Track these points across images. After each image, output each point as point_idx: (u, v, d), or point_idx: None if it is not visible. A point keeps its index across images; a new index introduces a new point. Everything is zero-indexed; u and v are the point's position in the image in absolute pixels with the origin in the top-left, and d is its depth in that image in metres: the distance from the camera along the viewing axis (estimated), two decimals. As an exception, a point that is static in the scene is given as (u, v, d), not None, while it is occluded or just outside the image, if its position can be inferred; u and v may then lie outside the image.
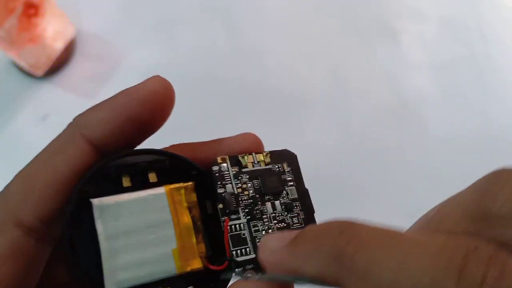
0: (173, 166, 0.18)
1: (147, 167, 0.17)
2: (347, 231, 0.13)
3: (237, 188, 0.18)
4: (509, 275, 0.10)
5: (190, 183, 0.18)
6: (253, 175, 0.18)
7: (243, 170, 0.18)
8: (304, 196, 0.19)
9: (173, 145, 0.19)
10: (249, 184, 0.18)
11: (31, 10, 0.47)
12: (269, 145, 0.23)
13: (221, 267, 0.17)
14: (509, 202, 0.12)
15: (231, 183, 0.18)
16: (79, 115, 0.17)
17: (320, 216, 0.24)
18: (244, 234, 0.17)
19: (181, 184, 0.17)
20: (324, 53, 0.56)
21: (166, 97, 0.18)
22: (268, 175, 0.19)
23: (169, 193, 0.17)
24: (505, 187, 0.12)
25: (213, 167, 0.18)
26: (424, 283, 0.10)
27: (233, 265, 0.17)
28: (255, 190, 0.18)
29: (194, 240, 0.17)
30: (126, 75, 0.53)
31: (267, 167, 0.19)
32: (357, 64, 0.55)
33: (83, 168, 0.16)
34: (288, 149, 0.20)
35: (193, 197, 0.18)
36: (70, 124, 0.17)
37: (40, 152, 0.17)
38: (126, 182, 0.17)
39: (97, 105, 0.17)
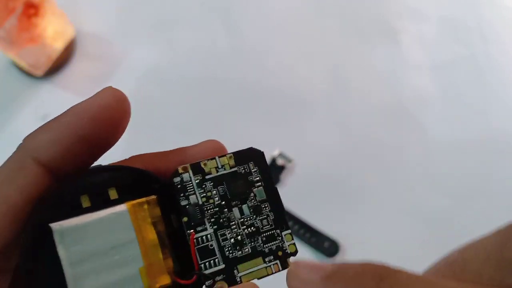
0: (134, 180, 0.17)
1: (106, 184, 0.16)
2: (388, 278, 0.13)
3: (202, 197, 0.17)
4: None
5: (153, 197, 0.17)
6: (217, 181, 0.18)
7: (207, 177, 0.18)
8: (273, 195, 0.18)
9: (133, 156, 0.18)
10: (214, 192, 0.17)
11: (31, 10, 0.47)
12: (270, 145, 0.23)
13: (190, 281, 0.17)
14: None
15: (194, 193, 0.17)
16: (28, 136, 0.16)
17: (320, 217, 0.23)
18: (211, 245, 0.17)
19: (143, 199, 0.17)
20: (324, 53, 0.56)
21: (119, 111, 0.17)
22: (233, 179, 0.18)
23: (131, 210, 0.16)
24: None
25: (174, 179, 0.17)
26: None
27: (202, 279, 0.17)
28: (221, 197, 0.17)
29: (160, 256, 0.17)
30: (126, 75, 0.53)
31: (232, 170, 0.18)
32: (357, 64, 0.55)
33: (37, 193, 0.16)
34: (253, 147, 0.19)
35: (157, 211, 0.17)
36: (19, 147, 0.16)
37: None
38: (85, 203, 0.16)
39: (46, 124, 0.16)
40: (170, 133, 0.50)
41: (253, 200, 0.18)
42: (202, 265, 0.17)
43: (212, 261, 0.17)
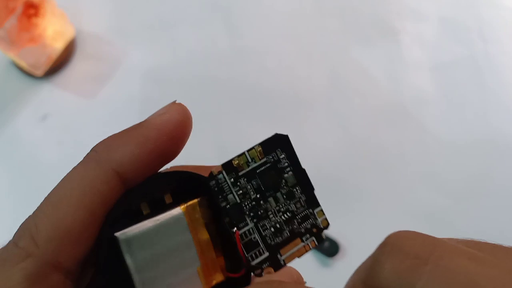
0: (185, 183, 0.18)
1: (162, 189, 0.17)
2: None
3: (238, 195, 0.18)
4: None
5: (201, 197, 0.18)
6: (250, 175, 0.18)
7: (240, 173, 0.18)
8: (302, 177, 0.19)
9: (175, 166, 0.19)
10: (249, 186, 0.18)
11: (31, 10, 0.47)
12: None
13: (239, 274, 0.18)
14: (391, 274, 0.13)
15: (231, 192, 0.18)
16: (107, 145, 0.16)
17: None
18: (255, 238, 0.18)
19: (195, 201, 0.18)
20: (324, 53, 0.56)
21: (188, 125, 0.18)
22: (265, 170, 0.18)
23: (186, 212, 0.17)
24: (389, 257, 0.13)
25: (210, 182, 0.18)
26: None
27: (251, 270, 0.18)
28: (256, 190, 0.18)
29: (214, 255, 0.18)
30: (126, 75, 0.53)
31: (262, 161, 0.19)
32: (357, 64, 0.55)
33: (112, 203, 0.16)
34: (278, 132, 0.19)
35: (208, 212, 0.18)
36: (98, 159, 0.16)
37: (63, 187, 0.16)
38: (145, 210, 0.17)
39: (126, 135, 0.17)
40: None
41: (285, 187, 0.19)
42: (249, 257, 0.18)
43: (257, 252, 0.18)
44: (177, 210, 0.17)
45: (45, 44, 0.50)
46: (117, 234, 0.16)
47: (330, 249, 0.46)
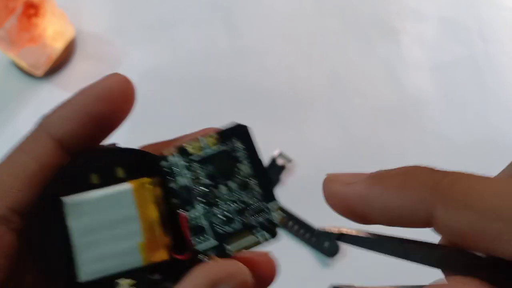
0: (140, 161, 0.18)
1: (114, 162, 0.18)
2: (439, 170, 0.14)
3: (189, 178, 0.18)
4: None
5: (156, 178, 0.18)
6: (203, 161, 0.18)
7: (192, 158, 0.18)
8: (258, 169, 0.19)
9: (145, 145, 0.20)
10: (200, 171, 0.18)
11: (31, 10, 0.47)
12: (270, 145, 0.23)
13: (184, 257, 0.18)
14: None
15: (181, 175, 0.18)
16: (44, 115, 0.18)
17: (320, 217, 0.24)
18: (202, 223, 0.18)
19: (147, 179, 0.18)
20: (324, 53, 0.56)
21: (124, 93, 0.18)
22: (218, 158, 0.18)
23: (135, 188, 0.17)
24: None
25: (161, 162, 0.18)
26: None
27: (196, 255, 0.18)
28: (208, 176, 0.18)
29: (159, 233, 0.18)
30: (126, 75, 0.53)
31: (216, 148, 0.18)
32: (357, 64, 0.55)
33: (51, 165, 0.17)
34: (238, 122, 0.19)
35: (159, 191, 0.18)
36: (34, 125, 0.18)
37: (8, 152, 0.18)
38: (94, 179, 0.17)
39: (60, 104, 0.18)
40: (170, 133, 0.50)
41: (238, 176, 0.18)
42: (195, 242, 0.18)
43: (203, 237, 0.18)
44: (126, 185, 0.17)
45: (45, 44, 0.50)
46: (64, 198, 0.17)
47: (330, 249, 0.46)
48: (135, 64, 0.54)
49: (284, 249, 0.19)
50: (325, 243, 0.46)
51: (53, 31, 0.50)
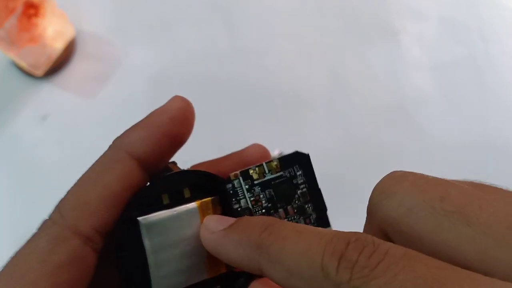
0: (202, 181, 0.20)
1: (182, 184, 0.19)
2: (271, 227, 0.15)
3: (251, 201, 0.19)
4: (377, 254, 0.12)
5: (215, 196, 0.19)
6: (265, 185, 0.20)
7: (255, 182, 0.20)
8: (316, 196, 0.20)
9: (194, 165, 0.22)
10: (262, 195, 0.19)
11: (31, 10, 0.47)
12: (270, 145, 0.23)
13: (238, 269, 0.19)
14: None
15: (244, 197, 0.19)
16: (122, 135, 0.19)
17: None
18: None
19: (209, 199, 0.19)
20: (324, 53, 0.56)
21: (190, 112, 0.20)
22: (279, 183, 0.20)
23: (199, 207, 0.19)
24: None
25: (226, 185, 0.19)
26: (317, 265, 0.13)
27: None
28: (268, 200, 0.19)
29: None
30: (126, 75, 0.53)
31: (278, 174, 0.20)
32: (357, 64, 0.55)
33: (132, 185, 0.19)
34: (299, 150, 0.20)
35: (219, 209, 0.19)
36: (112, 146, 0.19)
37: (87, 172, 0.19)
38: (165, 200, 0.19)
39: (135, 125, 0.19)
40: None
41: (297, 201, 0.20)
42: None
43: None
44: (193, 205, 0.19)
45: (45, 44, 0.50)
46: (140, 218, 0.18)
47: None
48: (135, 64, 0.54)
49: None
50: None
51: (53, 31, 0.50)
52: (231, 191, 0.19)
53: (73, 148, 0.50)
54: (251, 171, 0.20)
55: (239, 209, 0.19)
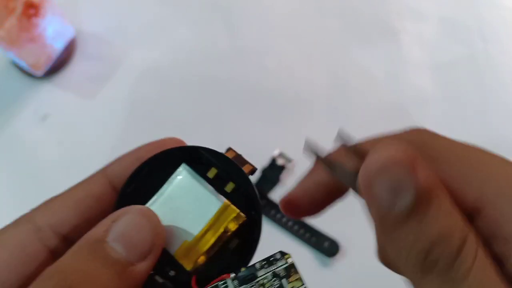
0: (249, 194, 0.19)
1: (231, 176, 0.19)
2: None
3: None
4: None
5: (243, 215, 0.19)
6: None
7: None
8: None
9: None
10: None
11: (31, 10, 0.47)
12: (270, 145, 0.23)
13: (193, 282, 0.18)
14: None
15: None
16: (107, 165, 0.21)
17: (320, 217, 0.24)
18: None
19: (237, 210, 0.19)
20: (324, 53, 0.56)
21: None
22: None
23: (223, 207, 0.18)
24: None
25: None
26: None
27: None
28: None
29: (201, 250, 0.18)
30: (126, 75, 0.53)
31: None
32: (357, 64, 0.55)
33: (103, 193, 0.19)
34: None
35: (233, 227, 0.19)
36: (100, 170, 0.20)
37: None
38: (211, 174, 0.19)
39: (122, 156, 0.21)
40: (170, 133, 0.49)
41: None
42: None
43: None
44: (221, 198, 0.19)
45: (45, 44, 0.50)
46: (184, 165, 0.19)
47: (330, 249, 0.46)
48: (135, 64, 0.54)
49: (284, 249, 0.18)
50: (325, 243, 0.46)
51: (53, 31, 0.50)
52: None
53: (73, 148, 0.50)
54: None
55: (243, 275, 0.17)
